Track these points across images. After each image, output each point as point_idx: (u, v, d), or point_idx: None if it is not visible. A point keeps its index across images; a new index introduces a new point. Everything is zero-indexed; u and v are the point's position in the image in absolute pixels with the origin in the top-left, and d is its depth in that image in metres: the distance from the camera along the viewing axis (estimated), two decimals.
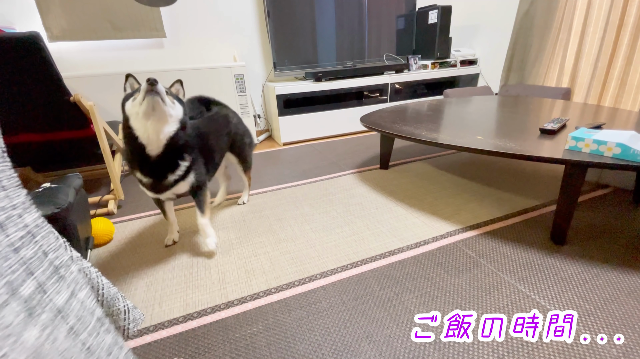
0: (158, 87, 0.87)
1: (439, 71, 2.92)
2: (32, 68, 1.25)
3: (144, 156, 0.94)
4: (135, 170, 0.99)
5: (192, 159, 1.04)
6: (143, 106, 0.87)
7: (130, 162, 0.99)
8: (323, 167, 1.95)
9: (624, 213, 1.25)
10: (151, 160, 0.95)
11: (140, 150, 0.93)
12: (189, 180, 1.06)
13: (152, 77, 0.86)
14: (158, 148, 0.94)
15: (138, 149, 0.93)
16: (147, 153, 0.94)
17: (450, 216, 1.30)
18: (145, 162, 0.96)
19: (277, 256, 1.12)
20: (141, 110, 0.88)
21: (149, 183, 1.00)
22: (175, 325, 0.86)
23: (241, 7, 2.52)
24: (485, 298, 0.88)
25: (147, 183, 1.01)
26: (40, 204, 0.89)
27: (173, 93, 1.01)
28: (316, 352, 0.76)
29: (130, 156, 0.97)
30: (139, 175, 1.00)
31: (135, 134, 0.91)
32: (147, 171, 0.98)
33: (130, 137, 0.92)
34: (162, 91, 0.89)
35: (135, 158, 0.96)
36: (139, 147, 0.93)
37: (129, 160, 0.99)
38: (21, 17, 2.00)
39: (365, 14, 2.75)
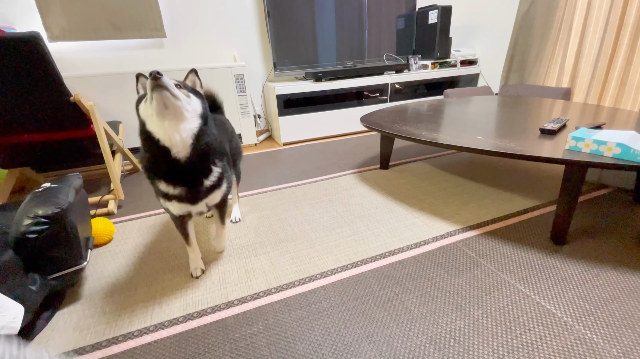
0: (163, 80, 0.75)
1: (439, 71, 2.92)
2: (32, 68, 1.25)
3: (171, 161, 0.82)
4: (159, 181, 0.86)
5: (224, 163, 0.94)
6: (154, 105, 0.77)
7: (153, 171, 0.86)
8: (323, 167, 1.95)
9: (624, 213, 1.25)
10: (181, 165, 0.83)
11: (164, 155, 0.81)
12: (222, 188, 0.95)
13: (154, 69, 0.75)
14: (185, 149, 0.82)
15: (162, 154, 0.81)
16: (173, 156, 0.82)
17: (450, 216, 1.30)
18: (173, 168, 0.83)
19: (277, 256, 1.12)
20: (153, 110, 0.77)
21: (180, 194, 0.87)
22: (176, 325, 0.86)
23: (241, 7, 2.52)
24: (485, 298, 0.89)
25: (178, 194, 0.87)
26: (40, 204, 0.89)
27: (187, 85, 0.88)
28: (316, 352, 0.76)
29: (153, 164, 0.85)
30: (165, 187, 0.86)
31: (154, 137, 0.80)
32: (178, 178, 0.86)
33: (150, 142, 0.81)
34: (170, 84, 0.77)
35: (159, 166, 0.84)
36: (163, 151, 0.81)
37: (151, 169, 0.86)
38: (21, 17, 2.00)
39: (365, 14, 2.75)
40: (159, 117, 0.78)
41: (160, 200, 0.91)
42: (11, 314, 0.74)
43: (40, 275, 0.87)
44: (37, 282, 0.85)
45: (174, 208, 0.91)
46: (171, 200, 0.89)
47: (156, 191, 0.90)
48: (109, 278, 1.06)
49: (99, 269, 1.11)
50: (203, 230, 1.32)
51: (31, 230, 0.84)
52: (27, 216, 0.85)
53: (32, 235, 0.84)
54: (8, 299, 0.75)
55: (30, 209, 0.87)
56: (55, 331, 0.87)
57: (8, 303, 0.74)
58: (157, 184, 0.87)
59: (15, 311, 0.75)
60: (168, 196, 0.88)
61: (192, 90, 0.87)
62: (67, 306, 0.95)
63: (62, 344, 0.82)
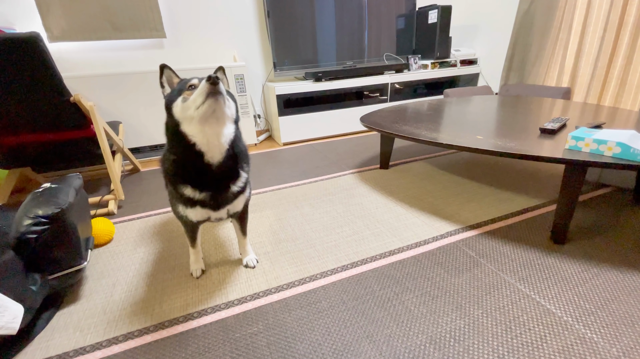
0: (221, 87, 0.72)
1: (439, 71, 2.92)
2: (32, 68, 1.25)
3: (202, 166, 0.79)
4: (183, 186, 0.82)
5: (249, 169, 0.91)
6: (202, 110, 0.72)
7: (178, 175, 0.81)
8: (323, 167, 1.95)
9: (624, 213, 1.25)
10: (212, 170, 0.80)
11: (196, 159, 0.78)
12: (246, 194, 0.93)
13: (212, 74, 0.71)
14: (220, 154, 0.79)
15: (194, 158, 0.78)
16: (206, 161, 0.78)
17: (450, 216, 1.30)
18: (203, 173, 0.80)
19: (277, 256, 1.12)
20: (198, 114, 0.72)
21: (206, 199, 0.83)
22: (176, 325, 0.86)
23: (241, 7, 2.53)
24: (485, 297, 0.89)
25: (203, 199, 0.83)
26: (41, 204, 0.89)
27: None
28: (316, 352, 0.76)
29: (180, 168, 0.80)
30: (191, 192, 0.82)
31: (190, 141, 0.75)
32: (206, 183, 0.82)
33: (184, 145, 0.76)
34: (223, 90, 0.74)
35: (187, 170, 0.80)
36: (196, 155, 0.77)
37: (177, 173, 0.81)
38: (21, 17, 2.00)
39: (365, 13, 2.75)
40: (201, 121, 0.73)
41: (179, 206, 0.86)
42: (11, 314, 0.74)
43: (41, 275, 0.87)
44: (38, 282, 0.85)
45: (195, 214, 0.86)
46: (194, 205, 0.84)
47: (175, 196, 0.85)
48: (109, 278, 1.06)
49: (99, 269, 1.12)
50: (204, 229, 1.32)
51: (31, 230, 0.84)
52: (28, 217, 0.85)
53: (33, 235, 0.84)
54: (8, 299, 0.75)
55: (31, 209, 0.87)
56: (56, 331, 0.87)
57: (8, 303, 0.75)
58: (180, 189, 0.82)
59: (15, 311, 0.76)
60: (192, 201, 0.83)
61: (228, 93, 0.82)
62: (68, 306, 0.95)
63: (63, 344, 0.83)
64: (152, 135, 2.33)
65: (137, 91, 2.17)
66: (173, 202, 0.89)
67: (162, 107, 2.26)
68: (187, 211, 0.86)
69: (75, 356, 0.79)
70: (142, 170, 2.15)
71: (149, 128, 2.29)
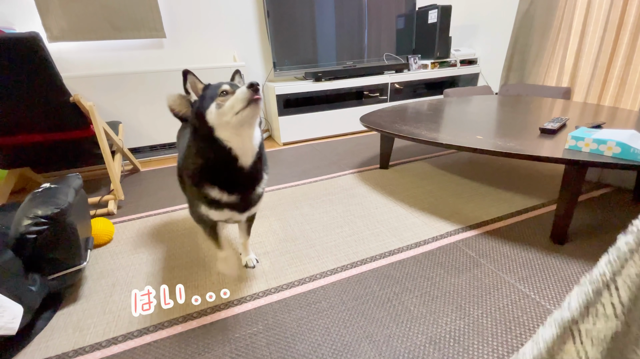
0: (261, 94, 0.72)
1: (438, 71, 2.92)
2: (32, 68, 1.25)
3: (235, 169, 0.79)
4: (211, 188, 0.80)
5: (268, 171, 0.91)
6: (241, 115, 0.71)
7: (207, 179, 0.80)
8: (323, 167, 1.95)
9: (624, 213, 1.25)
10: (244, 173, 0.80)
11: (230, 163, 0.78)
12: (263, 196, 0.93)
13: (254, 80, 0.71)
14: (252, 157, 0.80)
15: (227, 162, 0.77)
16: (239, 165, 0.78)
17: (450, 216, 1.30)
18: (236, 176, 0.80)
19: (277, 256, 1.12)
20: (237, 120, 0.72)
21: (235, 201, 0.83)
22: (175, 325, 0.86)
23: (241, 7, 2.52)
24: (485, 297, 0.88)
25: (233, 201, 0.83)
26: (40, 204, 0.89)
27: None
28: (316, 352, 0.76)
29: (209, 172, 0.79)
30: (218, 194, 0.81)
31: (226, 146, 0.75)
32: (237, 186, 0.82)
33: (218, 150, 0.76)
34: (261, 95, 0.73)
35: (219, 173, 0.80)
36: (230, 160, 0.77)
37: (205, 176, 0.80)
38: (21, 17, 2.00)
39: (365, 13, 2.75)
40: (238, 127, 0.74)
41: (202, 207, 0.84)
42: (10, 314, 0.74)
43: (40, 276, 0.87)
44: (37, 282, 0.85)
45: (217, 215, 0.85)
46: (220, 208, 0.83)
47: (199, 198, 0.83)
48: (109, 278, 1.06)
49: (99, 269, 1.11)
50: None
51: (31, 231, 0.84)
52: (27, 217, 0.85)
53: (32, 235, 0.84)
54: (8, 300, 0.75)
55: (30, 209, 0.87)
56: (55, 331, 0.87)
57: (8, 303, 0.74)
58: (207, 191, 0.81)
59: (14, 311, 0.75)
60: (218, 203, 0.82)
61: None
62: (67, 307, 0.95)
63: (62, 344, 0.82)
64: (151, 135, 2.33)
65: (137, 91, 2.17)
66: (194, 204, 0.87)
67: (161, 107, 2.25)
68: (212, 212, 0.85)
69: (75, 356, 0.79)
70: (141, 170, 2.15)
71: (148, 128, 2.29)
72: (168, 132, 2.36)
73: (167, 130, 2.35)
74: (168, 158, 2.41)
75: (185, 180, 0.86)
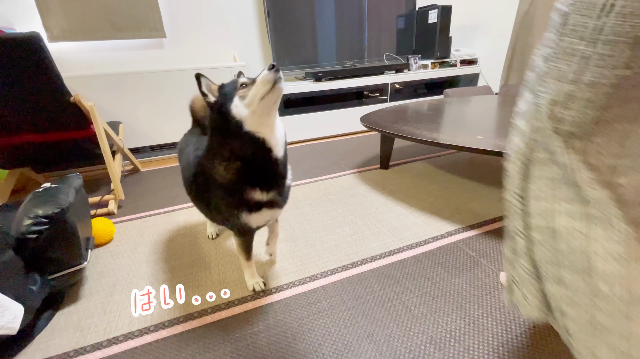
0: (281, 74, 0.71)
1: (439, 71, 2.92)
2: (33, 68, 1.25)
3: (270, 163, 0.77)
4: (252, 191, 0.78)
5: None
6: (266, 101, 0.70)
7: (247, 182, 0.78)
8: (323, 167, 1.95)
9: None
10: (278, 165, 0.79)
11: (266, 156, 0.76)
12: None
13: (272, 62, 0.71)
14: (282, 147, 0.79)
15: (264, 155, 0.76)
16: (273, 157, 0.77)
17: (450, 216, 1.30)
18: (271, 170, 0.78)
19: (278, 256, 1.12)
20: (262, 107, 0.71)
21: (273, 198, 0.82)
22: (176, 325, 0.86)
23: (241, 7, 2.52)
24: (485, 297, 0.88)
25: (271, 199, 0.81)
26: (41, 204, 0.89)
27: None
28: (316, 352, 0.76)
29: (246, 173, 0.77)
30: (259, 194, 0.79)
31: (259, 137, 0.73)
32: (273, 181, 0.80)
33: (252, 144, 0.74)
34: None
35: (258, 171, 0.77)
36: (265, 152, 0.76)
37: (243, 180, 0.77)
38: (21, 17, 2.00)
39: (365, 13, 2.75)
40: (265, 114, 0.73)
41: (243, 215, 0.80)
42: (11, 314, 0.74)
43: (41, 275, 0.87)
44: (38, 282, 0.85)
45: (260, 218, 0.83)
46: (261, 208, 0.81)
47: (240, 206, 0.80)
48: (109, 278, 1.06)
49: (99, 269, 1.11)
50: (202, 231, 1.32)
51: (31, 230, 0.84)
52: (28, 217, 0.85)
53: (33, 235, 0.84)
54: (8, 299, 0.75)
55: (31, 209, 0.87)
56: (56, 331, 0.87)
57: (8, 303, 0.74)
58: (249, 194, 0.78)
59: (15, 311, 0.76)
60: (259, 205, 0.80)
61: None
62: (68, 306, 0.95)
63: (63, 344, 0.82)
64: (151, 135, 2.33)
65: (137, 91, 2.17)
66: (233, 216, 0.82)
67: (161, 107, 2.26)
68: (251, 218, 0.82)
69: (76, 356, 0.79)
70: (142, 170, 2.15)
71: (148, 128, 2.29)
72: (168, 132, 2.36)
73: (167, 130, 2.35)
74: (168, 158, 2.41)
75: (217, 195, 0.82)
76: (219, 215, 0.88)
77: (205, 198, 0.89)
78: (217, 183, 0.79)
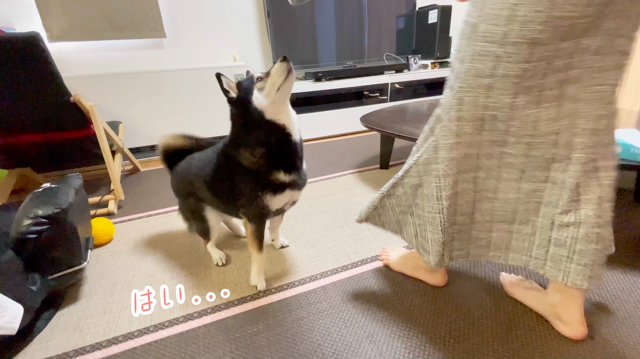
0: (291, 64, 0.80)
1: (439, 71, 2.92)
2: (32, 68, 1.25)
3: (291, 146, 0.86)
4: (277, 172, 0.85)
5: None
6: (282, 90, 0.79)
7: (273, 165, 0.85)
8: (323, 167, 1.95)
9: (624, 213, 1.25)
10: (297, 149, 0.88)
11: (289, 139, 0.84)
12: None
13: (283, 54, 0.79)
14: (298, 132, 0.87)
15: (286, 139, 0.84)
16: (293, 141, 0.85)
17: None
18: (293, 151, 0.87)
19: (277, 256, 1.12)
20: (278, 96, 0.80)
21: (294, 179, 0.89)
22: (176, 325, 0.86)
23: (241, 7, 2.52)
24: (485, 298, 0.88)
25: (293, 180, 0.88)
26: (41, 204, 0.89)
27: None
28: (316, 352, 0.76)
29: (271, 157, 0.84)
30: (283, 176, 0.86)
31: (280, 124, 0.82)
32: (295, 163, 0.88)
33: (275, 130, 0.82)
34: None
35: (279, 155, 0.85)
36: (286, 137, 0.84)
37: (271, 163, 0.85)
38: (21, 17, 2.00)
39: (365, 13, 2.75)
40: (282, 102, 0.82)
41: (267, 196, 0.86)
42: (10, 314, 0.74)
43: (41, 275, 0.87)
44: (37, 282, 0.85)
45: (281, 199, 0.89)
46: (284, 189, 0.88)
47: (266, 187, 0.86)
48: (109, 278, 1.06)
49: (99, 269, 1.11)
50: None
51: (31, 231, 0.84)
52: (27, 217, 0.85)
53: (32, 235, 0.84)
54: (8, 299, 0.75)
55: (31, 209, 0.87)
56: (56, 331, 0.87)
57: (8, 303, 0.74)
58: (274, 175, 0.85)
59: (14, 311, 0.75)
60: (283, 186, 0.87)
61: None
62: (67, 306, 0.95)
63: (62, 344, 0.82)
64: (151, 135, 2.32)
65: (137, 91, 2.17)
66: (257, 197, 0.87)
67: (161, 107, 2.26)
68: (275, 200, 0.88)
69: (75, 356, 0.79)
70: (142, 170, 2.15)
71: (148, 128, 2.29)
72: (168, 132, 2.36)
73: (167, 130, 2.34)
74: None
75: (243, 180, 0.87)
76: (238, 201, 0.91)
77: (227, 187, 0.92)
78: (245, 168, 0.86)
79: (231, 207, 0.96)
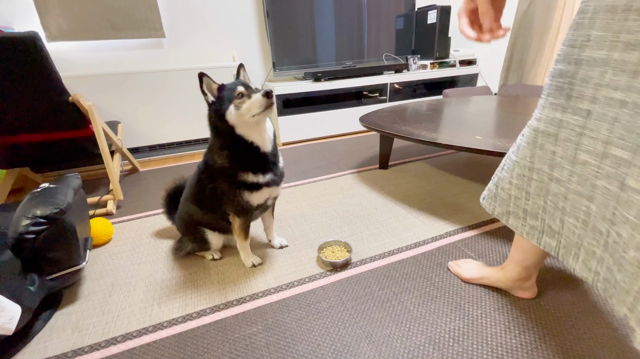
0: (274, 100, 0.85)
1: (438, 71, 2.93)
2: (31, 68, 1.25)
3: (260, 156, 0.92)
4: (246, 174, 0.92)
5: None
6: (257, 118, 0.84)
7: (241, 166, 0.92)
8: (322, 167, 1.95)
9: None
10: (267, 157, 0.93)
11: (255, 152, 0.91)
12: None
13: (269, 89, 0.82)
14: (270, 143, 0.94)
15: (253, 152, 0.91)
16: (262, 152, 0.92)
17: (449, 216, 1.30)
18: (262, 160, 0.93)
19: (277, 256, 1.12)
20: (254, 120, 0.85)
21: (270, 179, 0.95)
22: (175, 325, 0.86)
23: (240, 7, 2.52)
24: (484, 298, 0.89)
25: (268, 179, 0.95)
26: (39, 204, 0.88)
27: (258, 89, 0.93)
28: (315, 352, 0.76)
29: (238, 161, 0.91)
30: (254, 177, 0.93)
31: (248, 140, 0.88)
32: (267, 167, 0.95)
33: (241, 143, 0.88)
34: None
35: (248, 161, 0.92)
36: (254, 149, 0.90)
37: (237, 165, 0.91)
38: (19, 16, 1.99)
39: (365, 13, 2.75)
40: (255, 124, 0.87)
41: (244, 193, 0.93)
42: (8, 314, 0.74)
43: (39, 276, 0.87)
44: (36, 283, 0.85)
45: (260, 196, 0.95)
46: (261, 187, 0.94)
47: (239, 186, 0.93)
48: (108, 279, 1.06)
49: (98, 269, 1.11)
50: None
51: (30, 231, 0.83)
52: (26, 217, 0.85)
53: (31, 235, 0.83)
54: (6, 300, 0.75)
55: (29, 209, 0.87)
56: (54, 331, 0.86)
57: (5, 303, 0.74)
58: (243, 177, 0.92)
59: (12, 311, 0.75)
60: (258, 185, 0.93)
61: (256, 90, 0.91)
62: (66, 307, 0.95)
63: (61, 344, 0.82)
64: (150, 135, 2.32)
65: (136, 91, 2.17)
66: (235, 195, 0.94)
67: (160, 107, 2.26)
68: (252, 196, 0.94)
69: (74, 356, 0.79)
70: (140, 170, 2.14)
71: (147, 128, 2.29)
72: (167, 132, 2.36)
73: (166, 130, 2.35)
74: (167, 158, 2.41)
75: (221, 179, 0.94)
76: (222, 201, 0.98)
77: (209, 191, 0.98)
78: (220, 169, 0.92)
79: (220, 212, 1.01)
